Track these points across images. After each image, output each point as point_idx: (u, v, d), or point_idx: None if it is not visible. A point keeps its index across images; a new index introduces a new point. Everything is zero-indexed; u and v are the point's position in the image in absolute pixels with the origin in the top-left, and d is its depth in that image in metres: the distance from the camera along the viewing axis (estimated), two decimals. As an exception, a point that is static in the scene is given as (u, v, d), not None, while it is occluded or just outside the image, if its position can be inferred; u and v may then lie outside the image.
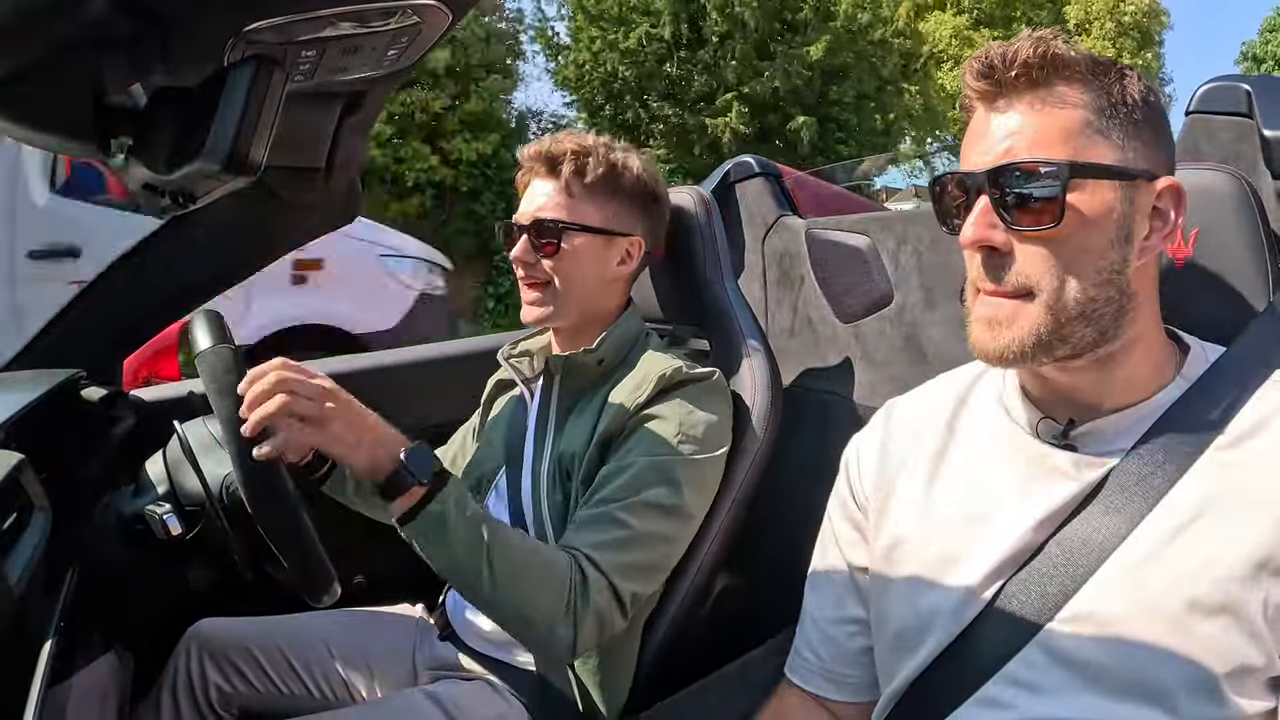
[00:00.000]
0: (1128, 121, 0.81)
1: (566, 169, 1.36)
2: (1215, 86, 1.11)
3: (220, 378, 1.16)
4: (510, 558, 1.15)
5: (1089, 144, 0.80)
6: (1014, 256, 0.82)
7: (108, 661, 1.20)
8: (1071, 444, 0.86)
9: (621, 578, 1.20)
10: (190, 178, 0.66)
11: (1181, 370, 0.86)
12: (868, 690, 1.02)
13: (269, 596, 1.37)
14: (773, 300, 1.77)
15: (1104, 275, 0.80)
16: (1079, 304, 0.80)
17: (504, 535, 1.17)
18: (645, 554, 1.24)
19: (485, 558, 1.13)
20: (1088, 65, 0.81)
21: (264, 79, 0.65)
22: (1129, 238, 0.81)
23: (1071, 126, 0.80)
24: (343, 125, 1.12)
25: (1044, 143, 0.80)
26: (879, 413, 1.08)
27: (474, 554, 1.13)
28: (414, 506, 1.13)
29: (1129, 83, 0.82)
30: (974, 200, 0.83)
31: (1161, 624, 0.76)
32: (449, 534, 1.13)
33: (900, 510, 0.97)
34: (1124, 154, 0.80)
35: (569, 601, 1.16)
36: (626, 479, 1.25)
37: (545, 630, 1.16)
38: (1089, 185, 0.79)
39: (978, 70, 0.84)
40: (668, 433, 1.29)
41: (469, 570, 1.14)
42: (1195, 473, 0.79)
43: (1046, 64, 0.81)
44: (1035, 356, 0.82)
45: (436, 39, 0.86)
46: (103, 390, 1.38)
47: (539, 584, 1.16)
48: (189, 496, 1.24)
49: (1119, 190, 0.80)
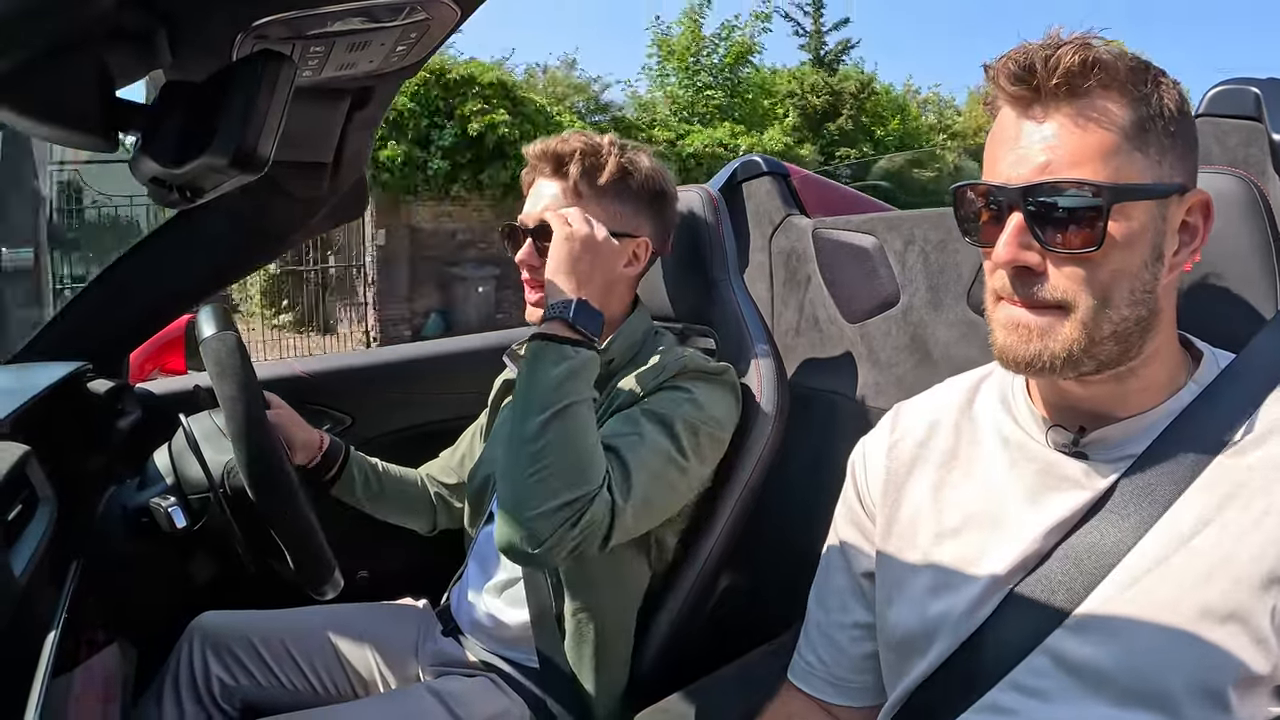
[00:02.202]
0: (1164, 134, 0.78)
1: (574, 169, 1.33)
2: (1224, 90, 1.10)
3: (223, 362, 1.17)
4: (576, 433, 1.15)
5: (1128, 162, 0.76)
6: (1047, 275, 0.79)
7: (111, 653, 1.20)
8: (1081, 451, 0.85)
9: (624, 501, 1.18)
10: (198, 172, 0.66)
11: (1194, 376, 0.85)
12: (872, 695, 1.02)
13: (272, 590, 1.37)
14: (779, 299, 1.76)
15: (1138, 295, 0.78)
16: (1113, 324, 0.78)
17: (584, 418, 1.17)
18: (648, 490, 1.21)
19: (556, 411, 1.14)
20: (1126, 72, 0.77)
21: (272, 74, 0.65)
22: (1160, 256, 0.79)
23: (1111, 143, 0.76)
24: (350, 121, 1.12)
25: (1084, 160, 0.76)
26: (886, 416, 1.07)
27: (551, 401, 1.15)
28: (552, 335, 1.19)
29: (1165, 91, 0.78)
30: (1006, 215, 0.79)
31: (1169, 631, 0.75)
32: (558, 369, 1.16)
33: (908, 516, 0.97)
34: (1160, 170, 0.77)
35: (582, 496, 1.13)
36: (634, 426, 1.25)
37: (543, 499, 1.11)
38: (1128, 207, 0.76)
39: (1013, 73, 0.78)
40: (678, 403, 1.28)
41: (537, 406, 1.15)
42: (1204, 480, 0.79)
43: (1089, 72, 0.76)
44: (1062, 370, 0.80)
45: (445, 35, 0.86)
46: (109, 383, 1.38)
47: (575, 467, 1.14)
48: (193, 485, 1.25)
49: (1154, 209, 0.77)
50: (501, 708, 1.33)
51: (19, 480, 0.98)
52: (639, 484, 1.19)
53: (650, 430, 1.24)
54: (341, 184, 1.29)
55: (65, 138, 0.65)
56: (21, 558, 0.90)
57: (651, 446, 1.23)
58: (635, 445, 1.22)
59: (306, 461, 1.49)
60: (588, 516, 1.12)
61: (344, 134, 1.15)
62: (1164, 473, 0.80)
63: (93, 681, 1.09)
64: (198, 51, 0.71)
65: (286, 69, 0.66)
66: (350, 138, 1.16)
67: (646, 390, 1.30)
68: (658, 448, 1.23)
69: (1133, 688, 0.76)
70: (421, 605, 1.63)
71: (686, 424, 1.27)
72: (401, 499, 1.63)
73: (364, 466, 1.58)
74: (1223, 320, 0.95)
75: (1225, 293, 0.97)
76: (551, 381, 1.15)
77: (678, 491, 1.29)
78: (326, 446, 1.52)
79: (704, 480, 1.34)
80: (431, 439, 1.77)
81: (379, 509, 1.60)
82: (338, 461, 1.53)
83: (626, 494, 1.17)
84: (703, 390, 1.31)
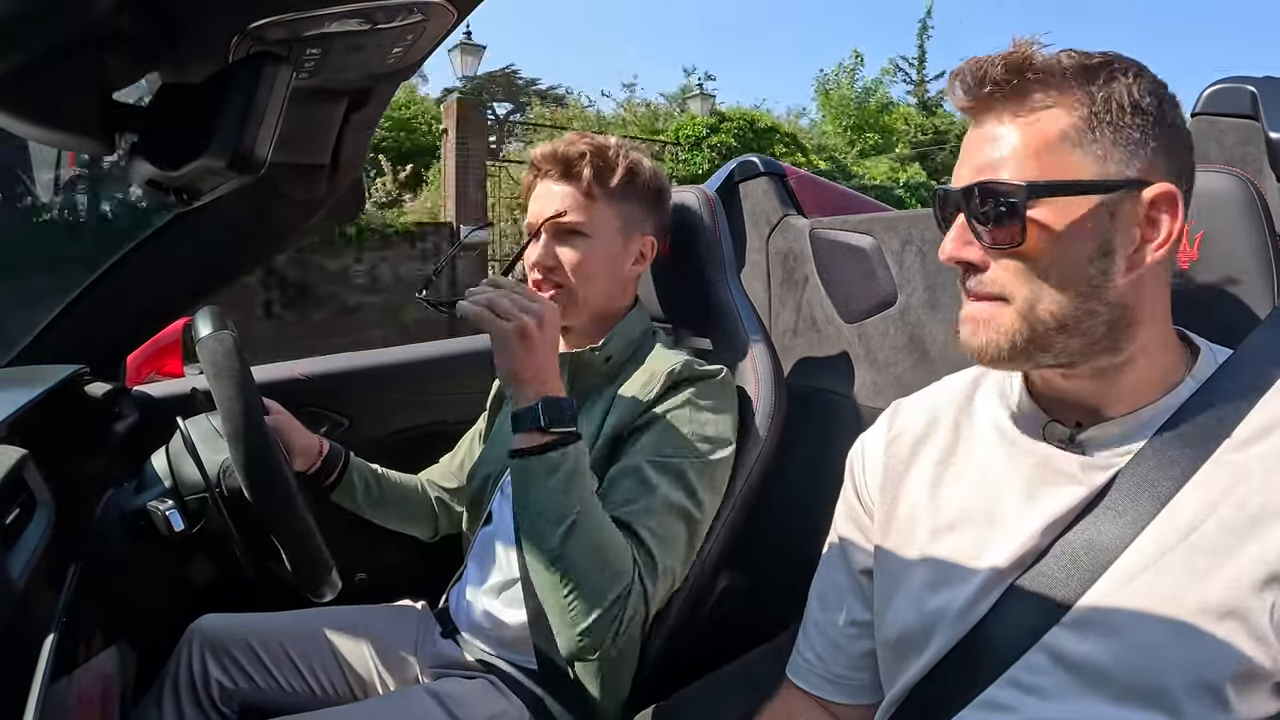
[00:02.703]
0: (1112, 130, 0.78)
1: (587, 172, 1.35)
2: (1221, 88, 1.10)
3: (219, 362, 1.17)
4: (595, 537, 1.14)
5: (1063, 158, 0.78)
6: (987, 269, 0.82)
7: (109, 657, 1.20)
8: (1079, 447, 0.86)
9: (654, 585, 1.19)
10: (195, 174, 0.66)
11: (1191, 371, 0.85)
12: (870, 693, 1.02)
13: (270, 593, 1.37)
14: (776, 300, 1.77)
15: (1081, 289, 0.79)
16: (1055, 316, 0.80)
17: (596, 518, 1.16)
18: (669, 560, 1.23)
19: (569, 525, 1.13)
20: (1072, 71, 0.79)
21: (269, 76, 0.65)
22: (1108, 252, 0.79)
23: (1044, 141, 0.79)
24: (348, 123, 1.12)
25: (1014, 160, 0.80)
26: (885, 413, 1.07)
27: (565, 513, 1.13)
28: (531, 448, 1.16)
29: (1118, 86, 0.79)
30: (954, 216, 0.84)
31: (1167, 628, 0.75)
32: (552, 483, 1.14)
33: (906, 512, 0.97)
34: (1104, 166, 0.78)
35: (620, 595, 1.14)
36: (643, 484, 1.24)
37: (587, 612, 1.13)
38: (1056, 202, 0.78)
39: (957, 88, 0.84)
40: (680, 434, 1.28)
41: (551, 523, 1.14)
42: (1202, 476, 0.79)
43: (1020, 75, 0.79)
44: (1015, 360, 0.83)
45: (441, 37, 0.86)
46: (106, 386, 1.38)
47: (605, 571, 1.14)
48: (190, 487, 1.25)
49: (1094, 204, 0.78)
50: (500, 709, 1.33)
51: (16, 484, 0.97)
52: (664, 559, 1.21)
53: (664, 489, 1.24)
54: (339, 185, 1.29)
55: (63, 141, 0.65)
56: (19, 561, 0.90)
57: (667, 508, 1.23)
58: (652, 516, 1.22)
59: (306, 467, 1.49)
60: (629, 611, 1.15)
61: (341, 135, 1.15)
62: (1162, 468, 0.80)
63: (91, 685, 1.09)
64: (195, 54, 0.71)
65: (283, 71, 0.66)
66: (347, 139, 1.16)
67: (645, 402, 1.30)
68: (674, 508, 1.24)
69: (1131, 684, 0.76)
70: (420, 607, 1.63)
71: (698, 467, 1.27)
72: (402, 505, 1.63)
73: (364, 472, 1.57)
74: (1220, 317, 0.95)
75: (1222, 290, 0.97)
76: (553, 496, 1.14)
77: (698, 536, 1.30)
78: (326, 452, 1.52)
79: (716, 507, 1.35)
80: (431, 440, 1.77)
81: (380, 515, 1.60)
82: (337, 467, 1.53)
83: (655, 575, 1.19)
84: (705, 403, 1.31)
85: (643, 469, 1.25)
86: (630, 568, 1.16)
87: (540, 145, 1.42)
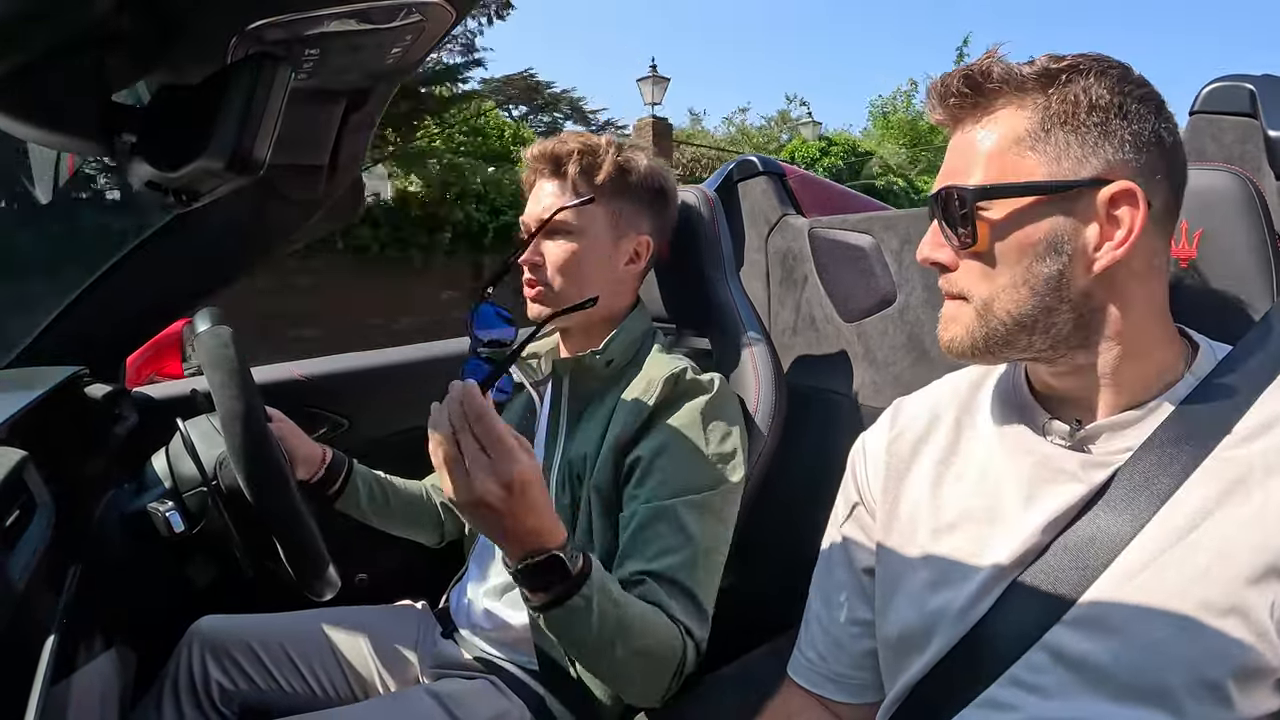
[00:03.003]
0: (1068, 129, 0.80)
1: (572, 169, 1.35)
2: (1219, 87, 1.10)
3: (215, 352, 1.17)
4: (637, 641, 1.09)
5: (1017, 160, 0.81)
6: (957, 269, 0.87)
7: (109, 658, 1.20)
8: (1079, 444, 0.86)
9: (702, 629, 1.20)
10: (193, 176, 0.65)
11: (1191, 368, 0.85)
12: (871, 692, 1.02)
13: (271, 594, 1.37)
14: (775, 299, 1.77)
15: (1037, 287, 0.81)
16: (1011, 315, 0.83)
17: (629, 619, 1.08)
18: (710, 594, 1.24)
19: (611, 645, 1.07)
20: (1031, 77, 0.81)
21: (267, 77, 0.65)
22: (1062, 250, 0.80)
23: (999, 145, 0.82)
24: (346, 123, 1.12)
25: (974, 165, 0.83)
26: (887, 411, 1.08)
27: (602, 642, 1.06)
28: (544, 604, 1.03)
29: (1074, 87, 0.80)
30: (932, 220, 0.88)
31: (1168, 625, 0.75)
32: (579, 625, 1.04)
33: (907, 510, 0.97)
34: (1058, 166, 0.80)
35: (676, 668, 1.15)
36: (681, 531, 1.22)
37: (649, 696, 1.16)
38: (1006, 204, 0.81)
39: (931, 102, 0.88)
40: (705, 462, 1.27)
41: (593, 653, 1.08)
42: (1202, 472, 0.79)
43: (979, 86, 0.83)
44: (981, 355, 0.86)
45: (440, 37, 0.86)
46: (106, 388, 1.38)
47: (656, 663, 1.13)
48: (187, 483, 1.25)
49: (1045, 204, 0.80)
50: (501, 709, 1.32)
51: (16, 485, 0.98)
52: (706, 599, 1.22)
53: (704, 534, 1.23)
54: (337, 186, 1.29)
55: (62, 142, 0.65)
56: (19, 563, 0.90)
57: (707, 554, 1.23)
58: (695, 569, 1.21)
59: (309, 476, 1.48)
60: (686, 669, 1.16)
61: (340, 136, 1.14)
62: (1162, 465, 0.80)
63: (91, 687, 1.09)
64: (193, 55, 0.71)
65: (282, 72, 0.66)
66: (346, 140, 1.16)
67: (645, 410, 1.30)
68: (712, 550, 1.25)
69: (1132, 682, 0.76)
70: (420, 607, 1.63)
71: (724, 493, 1.27)
72: (407, 512, 1.62)
73: (368, 480, 1.57)
74: (1219, 315, 0.95)
75: (1221, 289, 0.97)
76: (594, 629, 1.05)
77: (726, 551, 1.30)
78: (329, 460, 1.51)
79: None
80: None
81: (384, 522, 1.59)
82: (341, 475, 1.52)
83: (703, 621, 1.20)
84: (719, 421, 1.31)
85: (678, 513, 1.22)
86: (680, 640, 1.15)
87: (533, 145, 1.41)
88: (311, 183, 1.24)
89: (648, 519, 1.23)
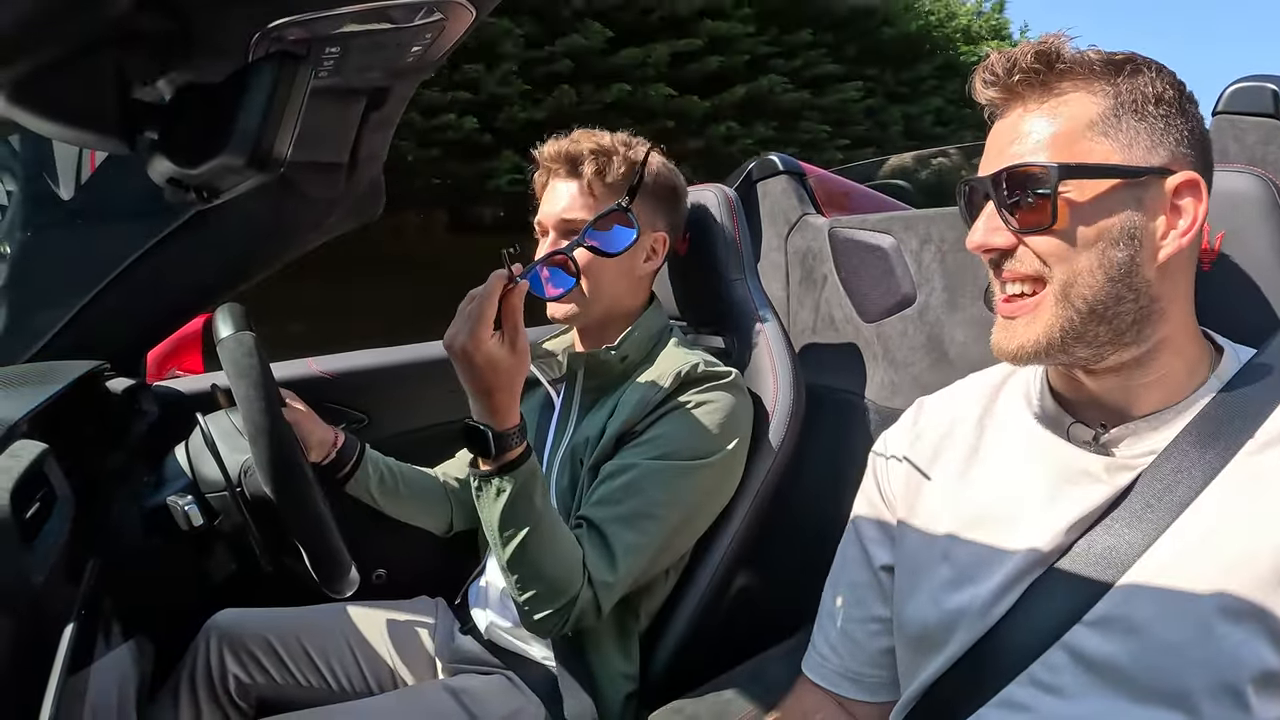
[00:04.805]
0: (1137, 118, 0.80)
1: (589, 169, 1.35)
2: (1242, 87, 1.09)
3: (240, 362, 1.18)
4: (540, 555, 1.20)
5: (1091, 144, 0.80)
6: (1017, 253, 0.84)
7: (127, 650, 1.21)
8: (1102, 448, 0.85)
9: (607, 591, 1.24)
10: (214, 172, 0.66)
11: (1215, 371, 0.85)
12: (887, 690, 1.02)
13: (288, 588, 1.38)
14: (794, 299, 1.76)
15: (1111, 273, 0.80)
16: (1087, 300, 0.81)
17: (545, 537, 1.20)
18: (633, 563, 1.26)
19: (519, 542, 1.18)
20: (1097, 65, 0.81)
21: (288, 75, 0.65)
22: (1135, 236, 0.80)
23: (1071, 128, 0.81)
24: (366, 121, 1.12)
25: (1043, 147, 0.81)
26: (909, 410, 1.07)
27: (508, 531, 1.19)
28: (486, 472, 1.19)
29: (1141, 80, 0.81)
30: (982, 205, 0.86)
31: (1187, 629, 0.75)
32: (491, 506, 1.19)
33: (928, 509, 0.97)
34: (1130, 153, 0.80)
35: (566, 602, 1.21)
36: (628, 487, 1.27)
37: (534, 611, 1.22)
38: (1085, 185, 0.80)
39: (985, 80, 0.86)
40: (679, 436, 1.29)
41: (502, 538, 1.20)
42: (1224, 477, 0.78)
43: (1049, 65, 0.82)
44: (1052, 354, 0.83)
45: (461, 35, 0.86)
46: (126, 382, 1.39)
47: (550, 583, 1.20)
48: (209, 484, 1.25)
49: (1121, 189, 0.80)
50: (517, 706, 1.33)
51: (37, 478, 0.98)
52: (625, 564, 1.25)
53: (649, 492, 1.27)
54: (357, 184, 1.29)
55: (84, 139, 0.65)
56: (39, 555, 0.91)
57: (644, 516, 1.27)
58: (625, 524, 1.25)
59: (320, 458, 1.49)
60: (575, 613, 1.22)
61: (360, 134, 1.15)
62: (1184, 469, 0.80)
63: (109, 678, 1.10)
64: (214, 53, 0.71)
65: (303, 70, 0.66)
66: (366, 138, 1.16)
67: (654, 402, 1.31)
68: (652, 516, 1.27)
69: (1151, 685, 0.76)
70: (438, 603, 1.63)
71: (688, 470, 1.30)
72: (417, 497, 1.62)
73: (379, 464, 1.57)
74: (1242, 317, 0.94)
75: (1245, 290, 0.96)
76: (502, 516, 1.19)
77: (680, 537, 1.33)
78: (341, 444, 1.52)
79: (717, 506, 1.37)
80: (450, 438, 1.77)
81: (393, 507, 1.59)
82: (352, 459, 1.53)
83: (610, 581, 1.24)
84: (709, 406, 1.32)
85: (637, 473, 1.27)
86: (579, 579, 1.22)
87: (546, 144, 1.42)
88: (331, 180, 1.25)
89: (610, 472, 1.29)
